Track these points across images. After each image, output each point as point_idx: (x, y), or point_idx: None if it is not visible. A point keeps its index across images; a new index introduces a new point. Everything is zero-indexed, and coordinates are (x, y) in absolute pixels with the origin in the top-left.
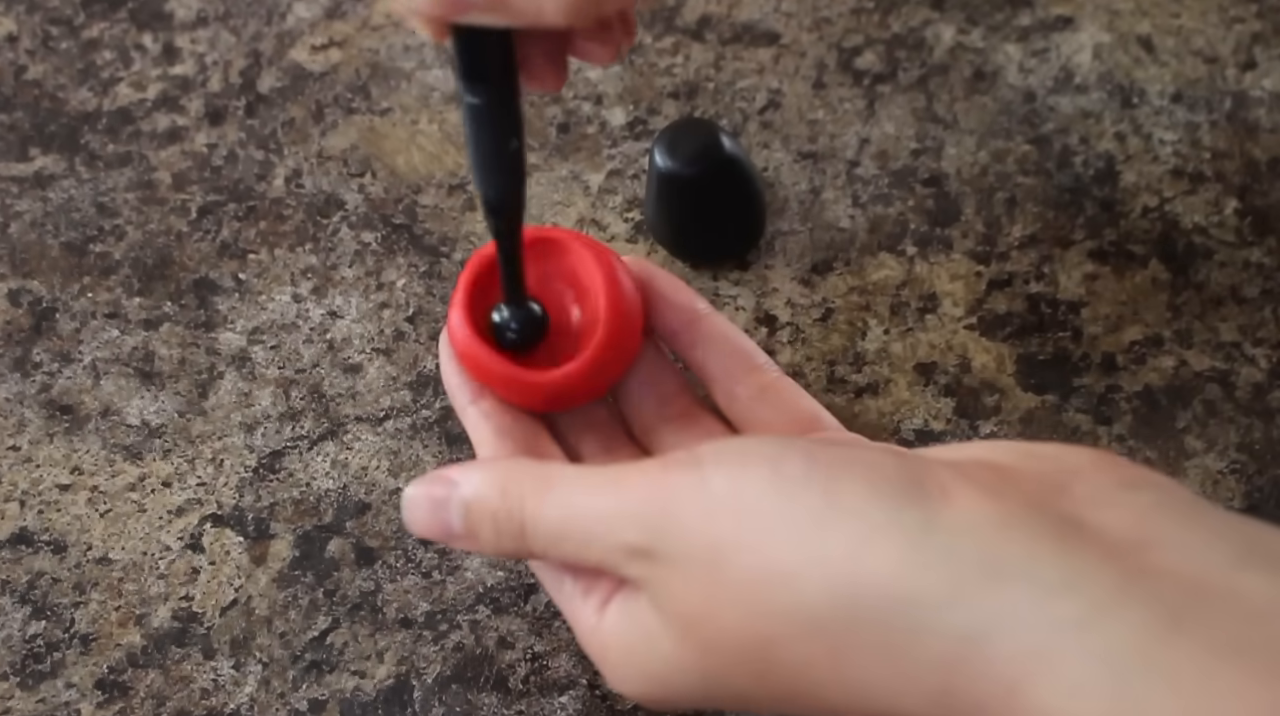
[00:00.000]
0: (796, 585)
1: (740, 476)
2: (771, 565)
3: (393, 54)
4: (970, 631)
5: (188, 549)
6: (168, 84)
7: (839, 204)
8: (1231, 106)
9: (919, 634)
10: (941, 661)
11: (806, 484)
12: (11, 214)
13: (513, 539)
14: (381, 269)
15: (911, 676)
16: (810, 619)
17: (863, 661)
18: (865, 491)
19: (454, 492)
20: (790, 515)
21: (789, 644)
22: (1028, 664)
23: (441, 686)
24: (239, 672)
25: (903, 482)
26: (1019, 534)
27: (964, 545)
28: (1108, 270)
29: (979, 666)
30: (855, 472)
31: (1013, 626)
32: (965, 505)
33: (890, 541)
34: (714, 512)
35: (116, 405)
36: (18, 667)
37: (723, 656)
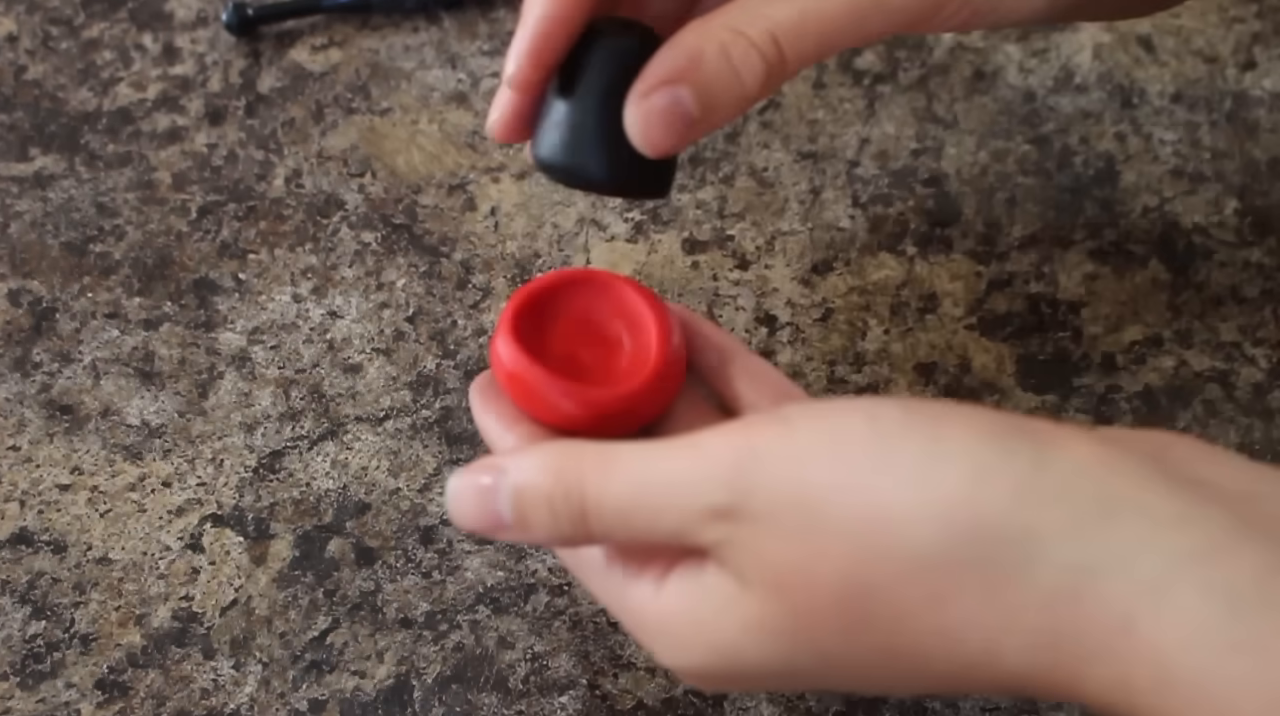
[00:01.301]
0: (902, 527)
1: (834, 427)
2: (875, 509)
3: (393, 54)
4: (1085, 566)
5: (188, 549)
6: (168, 84)
7: (839, 204)
8: (1231, 106)
9: (1031, 569)
10: (1051, 598)
11: (907, 430)
12: (11, 214)
13: (571, 523)
14: (381, 269)
15: (1017, 615)
16: (916, 560)
17: (967, 601)
18: (970, 435)
19: (502, 480)
20: (893, 460)
21: (890, 588)
22: (1143, 598)
23: (441, 686)
24: (239, 672)
25: (1007, 427)
26: (1130, 474)
27: (1078, 481)
28: (1108, 270)
29: (1091, 602)
30: (957, 419)
31: (1128, 560)
32: (1074, 447)
33: (1003, 478)
34: (808, 463)
35: (116, 405)
36: (18, 667)
37: (813, 614)
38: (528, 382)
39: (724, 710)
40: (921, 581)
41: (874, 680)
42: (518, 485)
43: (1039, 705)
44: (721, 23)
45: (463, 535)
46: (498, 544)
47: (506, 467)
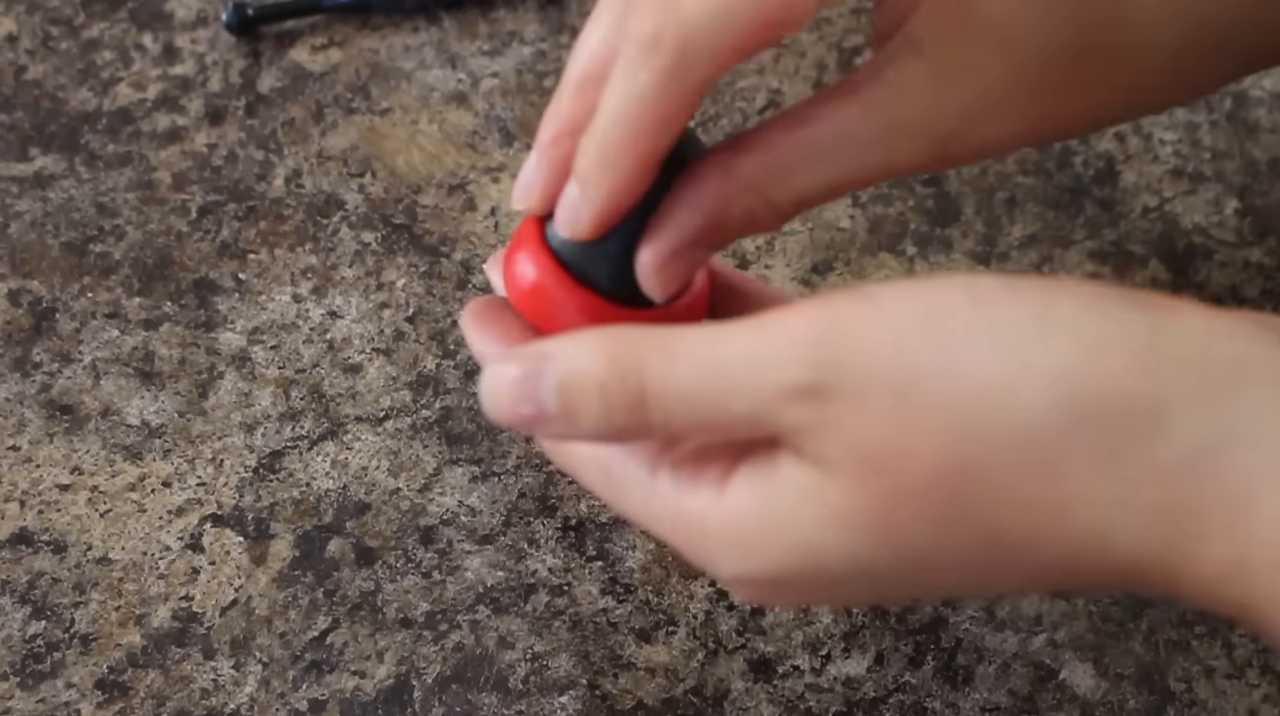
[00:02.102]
0: (1011, 400)
1: (929, 300)
2: (980, 383)
3: (393, 54)
4: (1211, 437)
5: (188, 549)
6: (168, 84)
7: (839, 204)
8: (1231, 106)
9: (1152, 441)
10: (1172, 471)
11: (1011, 301)
12: (11, 214)
13: (627, 410)
14: (381, 269)
15: (1133, 489)
16: (1025, 432)
17: (1079, 474)
18: (1081, 305)
19: (548, 366)
20: (998, 331)
21: (993, 464)
22: (1270, 472)
23: (441, 686)
24: (239, 672)
25: (1119, 297)
26: (1255, 341)
27: (1202, 348)
28: (1108, 270)
29: (1213, 474)
30: (1064, 289)
31: (1257, 432)
32: (1194, 316)
33: (1120, 347)
34: (901, 336)
35: (116, 405)
36: (18, 667)
37: (908, 502)
38: (557, 297)
39: (724, 710)
40: (1029, 454)
41: (968, 575)
42: (565, 371)
43: (1039, 706)
44: (748, 183)
45: (463, 535)
46: (498, 544)
47: (552, 353)
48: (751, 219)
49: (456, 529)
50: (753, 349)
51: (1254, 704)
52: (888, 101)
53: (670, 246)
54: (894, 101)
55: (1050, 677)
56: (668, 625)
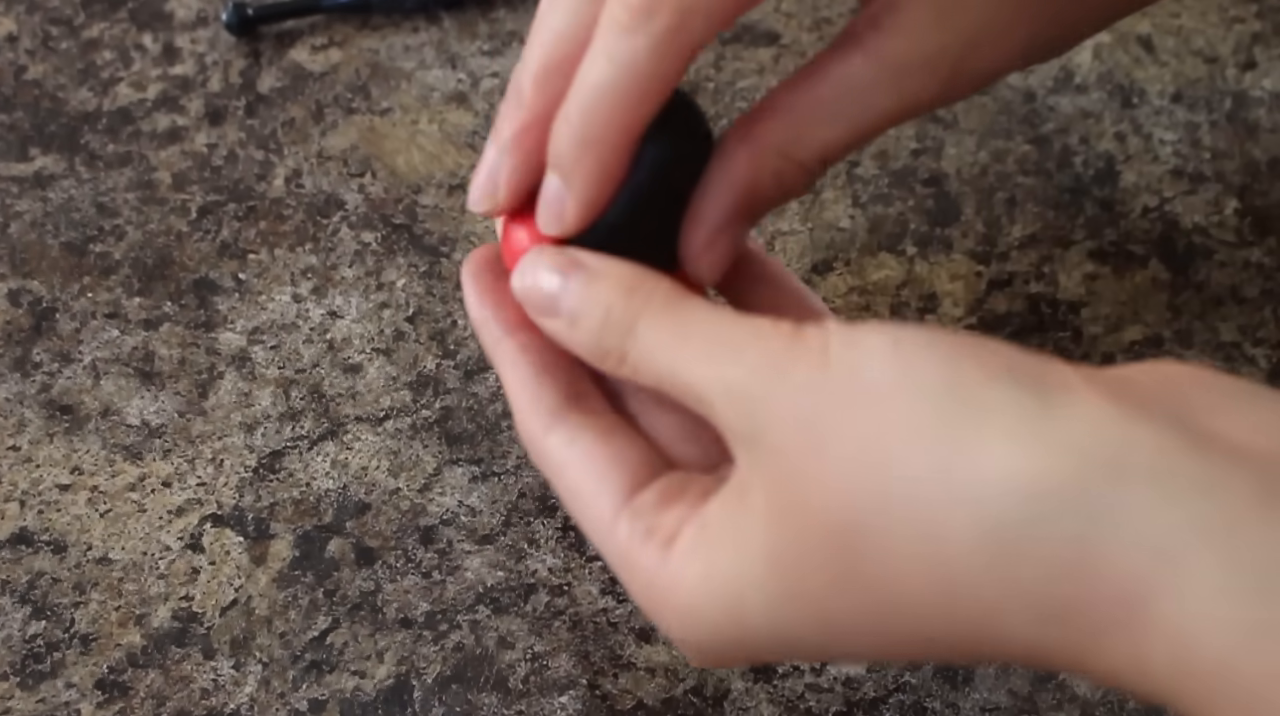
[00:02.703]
0: (900, 468)
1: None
2: (880, 441)
3: (393, 54)
4: (1093, 532)
5: (188, 549)
6: (168, 84)
7: (839, 204)
8: (1231, 106)
9: (1034, 529)
10: (1057, 563)
11: (926, 359)
12: (11, 214)
13: (618, 336)
14: (381, 269)
15: (1019, 579)
16: (910, 503)
17: (964, 560)
18: (983, 374)
19: (575, 274)
20: (913, 394)
21: (883, 534)
22: (1159, 569)
23: (441, 686)
24: (239, 672)
25: (1024, 370)
26: (1146, 431)
27: (1087, 436)
28: (1108, 270)
29: (1101, 574)
30: (976, 355)
31: (1144, 528)
32: (1088, 398)
33: (1006, 426)
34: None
35: (116, 405)
36: (18, 667)
37: (809, 546)
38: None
39: (724, 710)
40: (914, 531)
41: (874, 644)
42: (589, 279)
43: (1039, 705)
44: (773, 147)
45: (463, 535)
46: (498, 544)
47: (586, 264)
48: (782, 182)
49: (456, 529)
50: (722, 337)
51: None
52: (890, 45)
53: (713, 227)
54: (897, 44)
55: (1050, 677)
56: None
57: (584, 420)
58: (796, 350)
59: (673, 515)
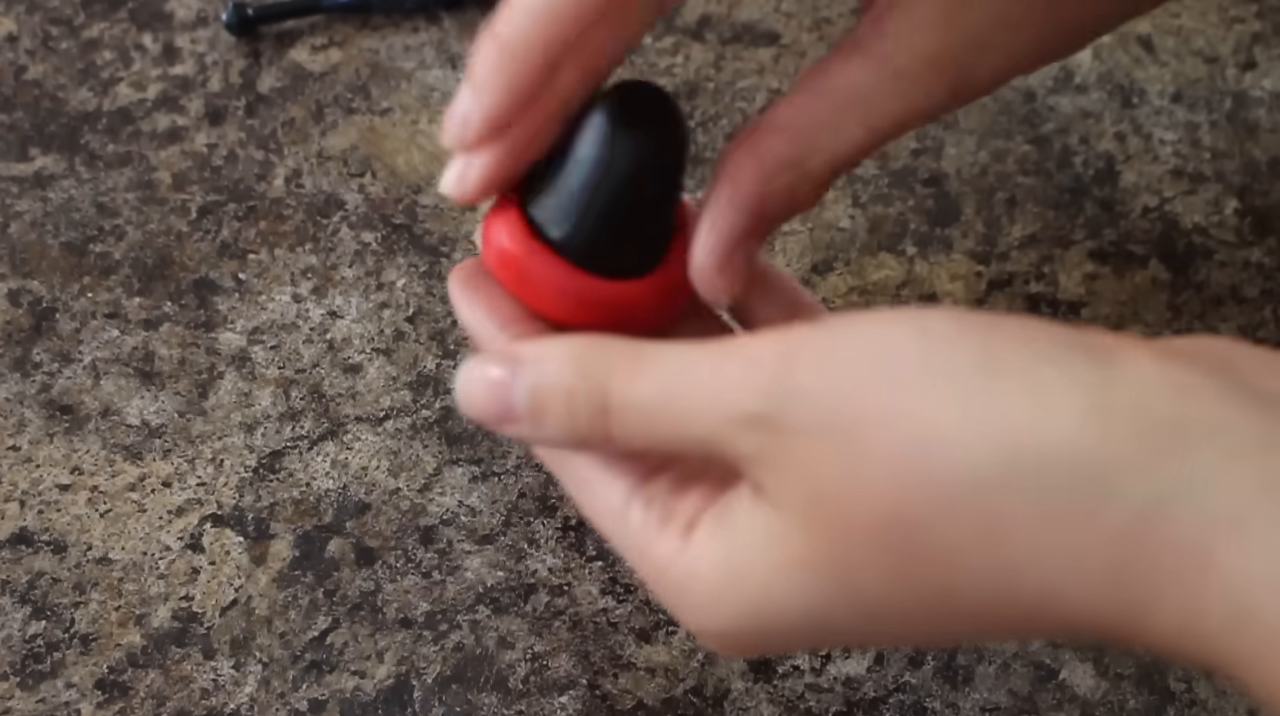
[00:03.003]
0: (955, 452)
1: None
2: (924, 431)
3: (393, 54)
4: (1159, 497)
5: (188, 549)
6: (168, 84)
7: (839, 204)
8: (1231, 106)
9: (1098, 504)
10: (1121, 534)
11: (959, 342)
12: (11, 214)
13: (590, 421)
14: (381, 269)
15: (1082, 554)
16: (967, 491)
17: (1026, 536)
18: (1027, 350)
19: (519, 372)
20: (945, 376)
21: (938, 522)
22: (1221, 531)
23: (441, 686)
24: (239, 672)
25: (1067, 341)
26: (1203, 393)
27: (1149, 404)
28: (1108, 270)
29: (1164, 537)
30: (1012, 332)
31: (1206, 491)
32: (1141, 364)
33: (1069, 400)
34: (850, 375)
35: (116, 405)
36: (18, 667)
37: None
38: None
39: (724, 710)
40: (973, 515)
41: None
42: (536, 377)
43: (1039, 705)
44: (783, 161)
45: (463, 535)
46: (498, 544)
47: (524, 358)
48: (793, 196)
49: (456, 529)
50: (709, 372)
51: (1254, 704)
52: (894, 51)
53: (725, 248)
54: (901, 49)
55: (1050, 677)
56: (668, 625)
57: None
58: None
59: (690, 501)
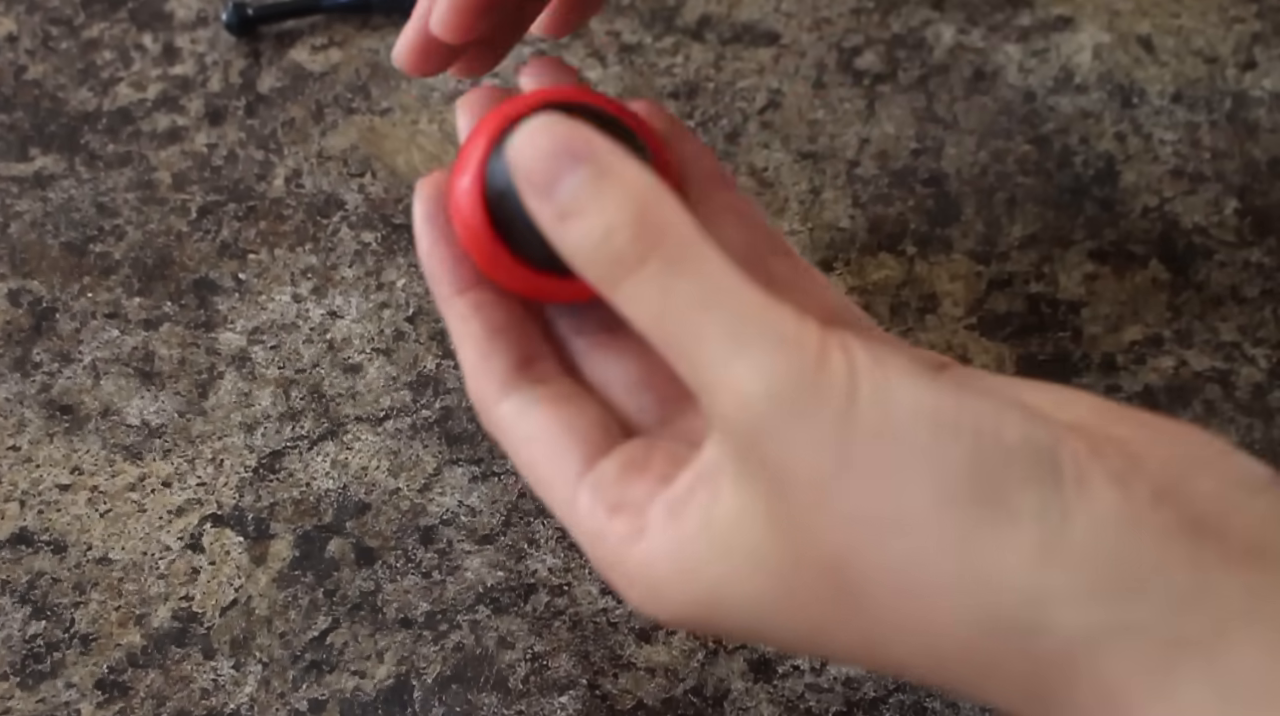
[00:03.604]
0: (907, 549)
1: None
2: (888, 514)
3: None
4: (1090, 636)
5: (188, 549)
6: (168, 84)
7: (839, 204)
8: (1231, 106)
9: (1031, 634)
10: (1047, 664)
11: (957, 442)
12: (11, 214)
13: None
14: (381, 269)
15: (1010, 672)
16: (913, 586)
17: (959, 644)
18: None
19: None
20: (931, 470)
21: (878, 591)
22: (1140, 680)
23: (441, 686)
24: (239, 672)
25: (1044, 460)
26: (1151, 534)
27: (1101, 544)
28: (1108, 270)
29: (1085, 674)
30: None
31: (1133, 638)
32: (1101, 495)
33: (1027, 534)
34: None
35: (116, 405)
36: (18, 667)
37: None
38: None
39: (724, 710)
40: (917, 606)
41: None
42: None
43: None
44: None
45: (463, 535)
46: (498, 544)
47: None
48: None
49: (456, 529)
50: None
51: None
52: None
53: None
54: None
55: None
56: None
57: (535, 390)
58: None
59: (639, 488)
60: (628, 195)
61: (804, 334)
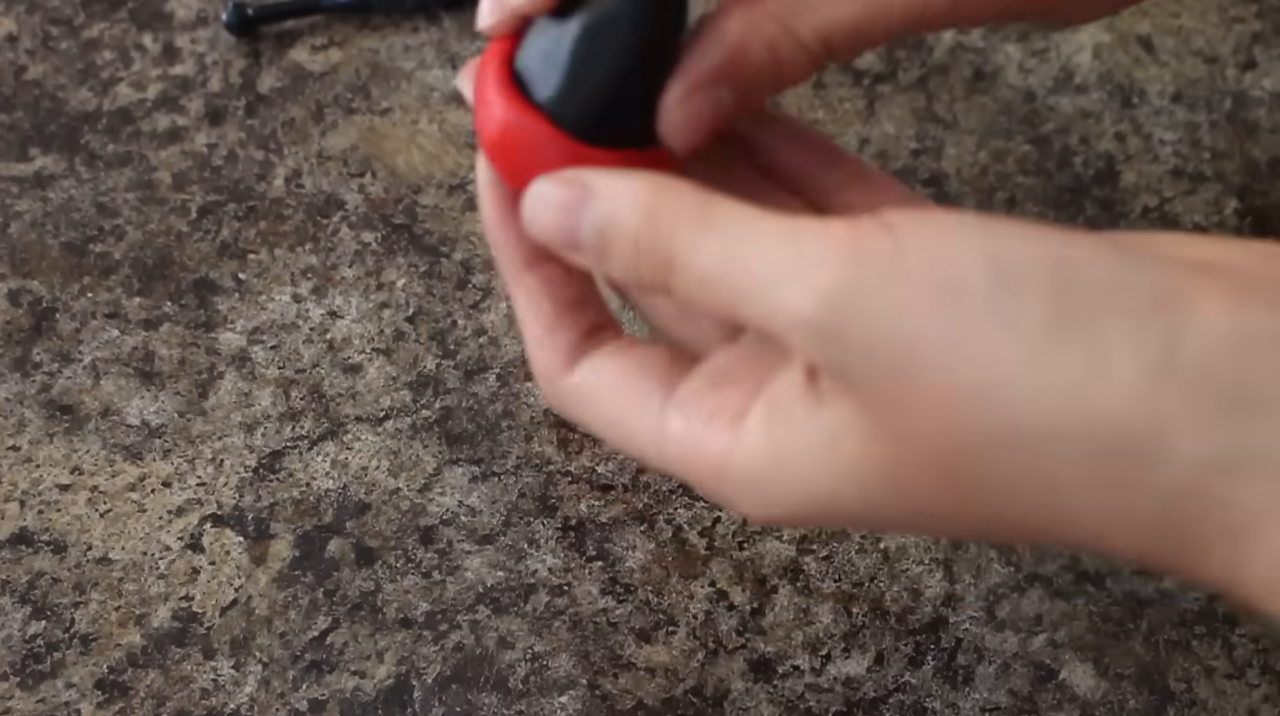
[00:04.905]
0: (1012, 402)
1: (951, 263)
2: (984, 377)
3: (393, 54)
4: (1213, 464)
5: (188, 549)
6: (168, 84)
7: None
8: (1231, 106)
9: (1152, 467)
10: (1172, 496)
11: (1029, 284)
12: (11, 214)
13: (654, 270)
14: (381, 269)
15: (1134, 510)
16: (1023, 438)
17: (1077, 488)
18: (1095, 300)
19: (589, 204)
20: (1010, 323)
21: (992, 459)
22: (1272, 502)
23: (441, 686)
24: (239, 672)
25: (1139, 290)
26: (1267, 354)
27: (1210, 368)
28: None
29: (1215, 502)
30: (1082, 272)
31: (1261, 461)
32: (1208, 317)
33: (1129, 361)
34: (916, 305)
35: (116, 405)
36: (18, 667)
37: (912, 472)
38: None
39: (724, 710)
40: (1026, 459)
41: (970, 531)
42: (605, 214)
43: (1039, 705)
44: (771, 14)
45: (463, 535)
46: (498, 544)
47: (596, 191)
48: (776, 55)
49: (456, 529)
50: (770, 259)
51: (1254, 704)
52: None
53: (693, 82)
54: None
55: (1050, 677)
56: (668, 625)
57: (603, 349)
58: (864, 261)
59: (732, 395)
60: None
61: (829, 230)
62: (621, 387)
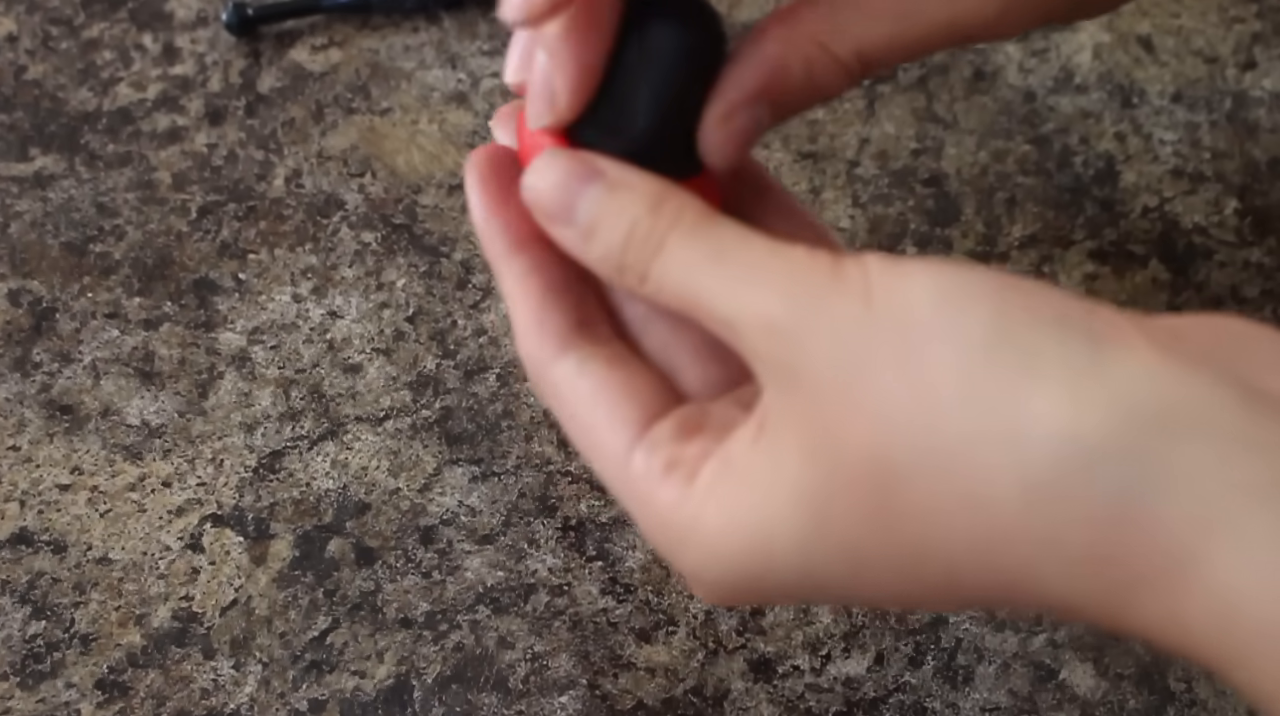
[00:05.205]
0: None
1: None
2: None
3: (393, 54)
4: (1138, 487)
5: (188, 549)
6: (168, 84)
7: (839, 204)
8: (1231, 106)
9: (1080, 481)
10: (1099, 518)
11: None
12: (11, 214)
13: (639, 252)
14: (381, 269)
15: (1061, 529)
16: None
17: (1005, 507)
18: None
19: (596, 181)
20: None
21: (920, 478)
22: (1203, 529)
23: (441, 686)
24: (239, 672)
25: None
26: (1198, 385)
27: (1138, 390)
28: (1108, 270)
29: (1143, 529)
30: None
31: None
32: (1139, 349)
33: (1055, 377)
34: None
35: (116, 405)
36: (18, 667)
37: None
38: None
39: (724, 710)
40: (955, 477)
41: (905, 585)
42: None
43: (1038, 705)
44: (808, 34)
45: (463, 535)
46: (498, 544)
47: (607, 175)
48: (813, 74)
49: (456, 529)
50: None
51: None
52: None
53: (733, 101)
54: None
55: (1050, 677)
56: (668, 625)
57: (593, 349)
58: (837, 285)
59: (694, 448)
60: (642, 193)
61: (816, 259)
62: (601, 404)
